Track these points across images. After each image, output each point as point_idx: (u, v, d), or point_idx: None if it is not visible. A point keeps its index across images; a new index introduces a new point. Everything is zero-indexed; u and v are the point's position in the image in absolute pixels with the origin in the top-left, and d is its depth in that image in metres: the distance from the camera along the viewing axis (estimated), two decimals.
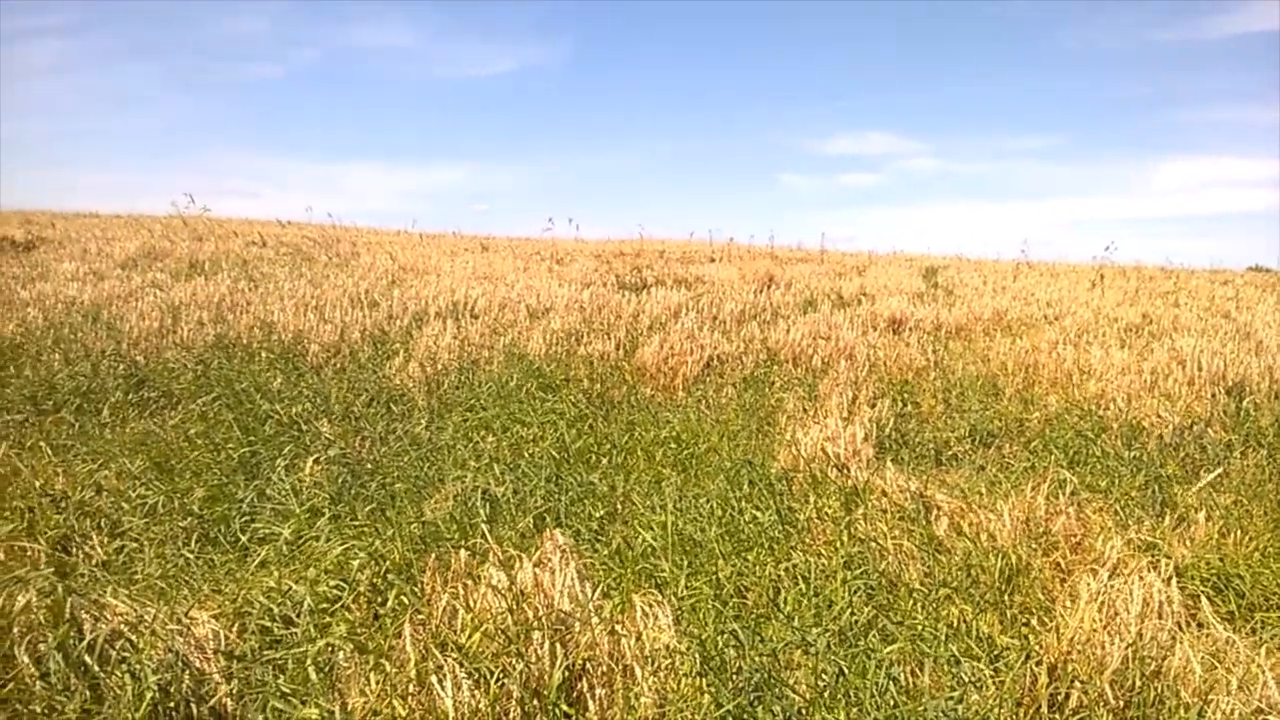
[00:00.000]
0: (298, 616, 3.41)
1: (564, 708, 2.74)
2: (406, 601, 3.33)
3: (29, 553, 3.97)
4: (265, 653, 3.18)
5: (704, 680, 2.90)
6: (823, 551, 4.28)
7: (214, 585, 3.81)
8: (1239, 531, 4.63)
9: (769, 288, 13.38)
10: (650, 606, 3.23)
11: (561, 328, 9.42)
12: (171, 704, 2.78)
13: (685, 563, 4.00)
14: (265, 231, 19.47)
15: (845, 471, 5.25)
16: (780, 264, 17.97)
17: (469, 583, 3.25)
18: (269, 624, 3.39)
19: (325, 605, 3.49)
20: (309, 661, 2.92)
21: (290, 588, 3.56)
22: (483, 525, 3.80)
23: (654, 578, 3.85)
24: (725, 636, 3.24)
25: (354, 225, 23.53)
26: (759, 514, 4.63)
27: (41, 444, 5.26)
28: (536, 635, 2.90)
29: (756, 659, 3.10)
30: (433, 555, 3.44)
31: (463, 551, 3.42)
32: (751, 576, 3.99)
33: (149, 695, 2.70)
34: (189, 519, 4.44)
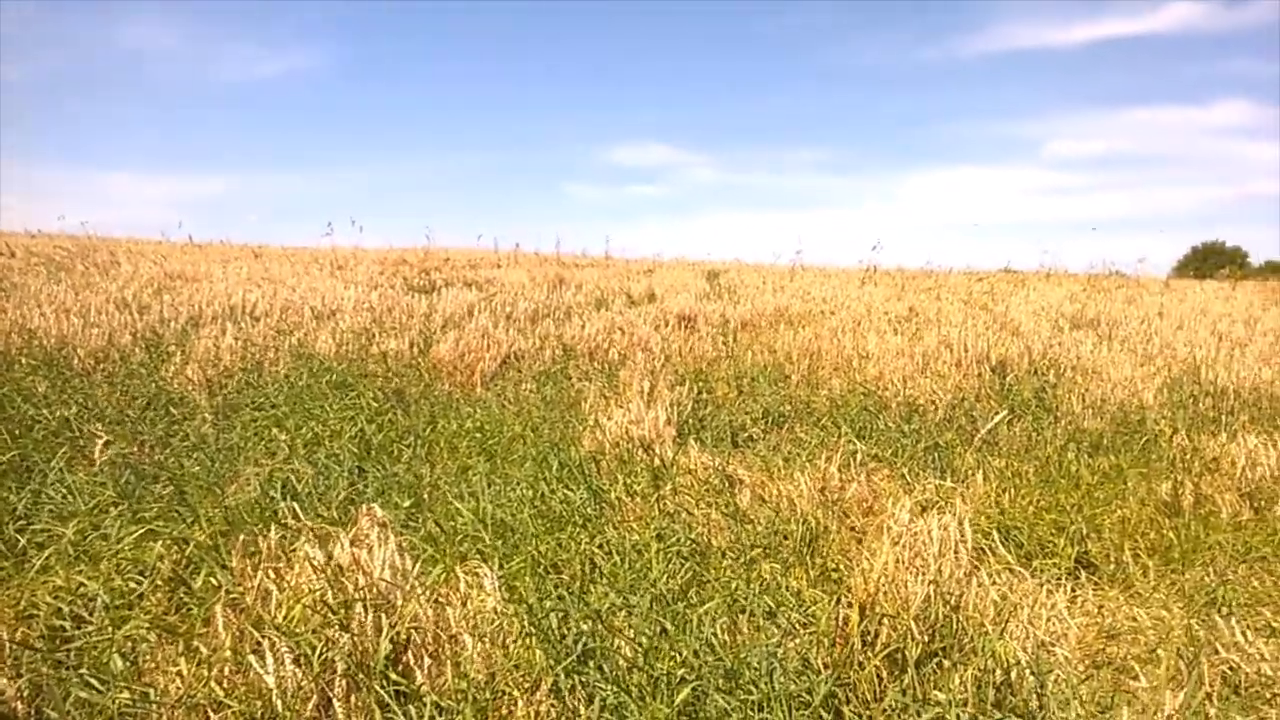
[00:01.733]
0: (91, 614, 3.19)
1: (394, 676, 2.67)
2: (217, 582, 3.17)
3: None
4: (57, 654, 2.95)
5: (534, 640, 2.90)
6: (634, 526, 4.35)
7: None
8: (1013, 490, 5.00)
9: (560, 288, 13.45)
10: (473, 575, 3.19)
11: (351, 327, 9.16)
12: None
13: (500, 543, 3.98)
14: (13, 242, 18.00)
15: (651, 451, 5.34)
16: (568, 268, 18.09)
17: (283, 561, 3.12)
18: (60, 623, 3.15)
19: (122, 601, 3.27)
20: (113, 650, 2.73)
21: (81, 584, 3.32)
22: (293, 505, 3.65)
23: (473, 556, 3.81)
24: (551, 602, 3.24)
25: (111, 236, 21.98)
26: (570, 493, 4.66)
27: None
28: (359, 608, 2.81)
29: (582, 624, 3.12)
30: (240, 537, 3.28)
31: (273, 530, 3.27)
32: (567, 553, 4.00)
33: None
34: None
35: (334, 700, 2.61)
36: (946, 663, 2.94)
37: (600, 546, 4.06)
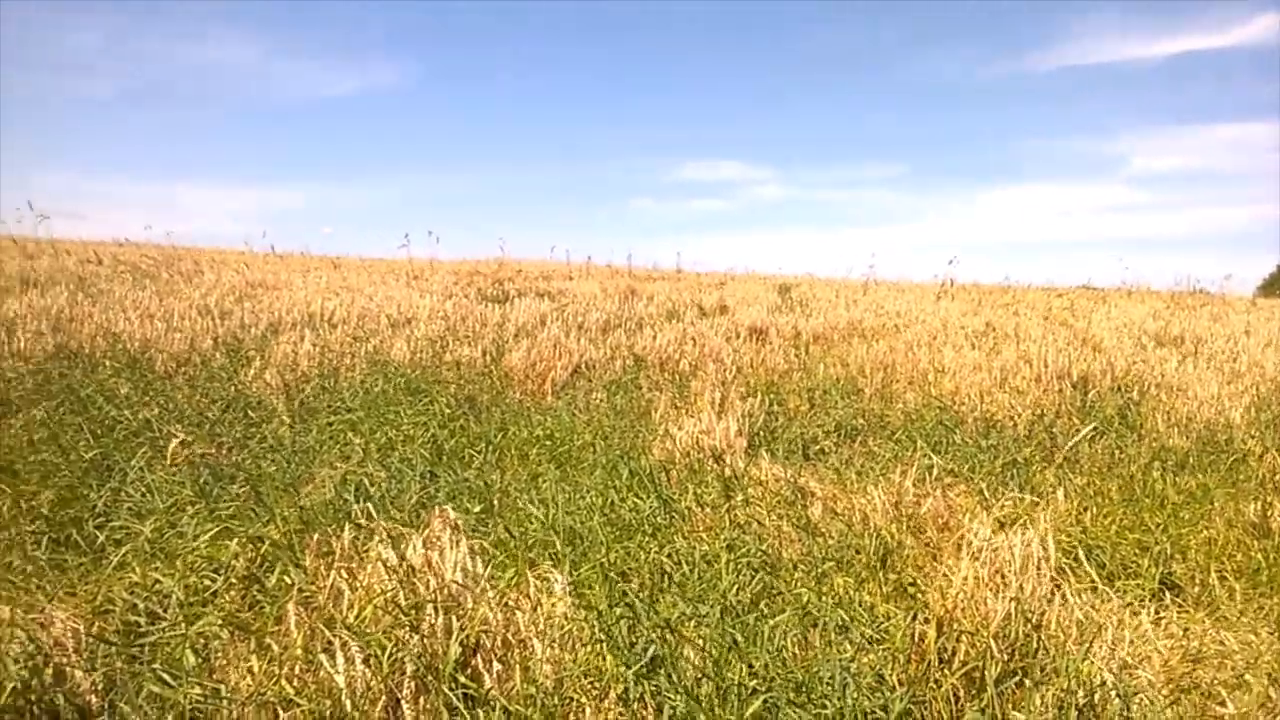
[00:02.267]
0: (165, 610, 3.23)
1: (462, 679, 2.66)
2: (290, 580, 3.19)
3: None
4: (132, 649, 2.99)
5: (603, 646, 2.87)
6: (704, 536, 4.30)
7: (68, 587, 3.58)
8: (1095, 508, 4.86)
9: (631, 300, 13.47)
10: (543, 580, 3.18)
11: (425, 335, 9.26)
12: (32, 696, 2.58)
13: (569, 550, 3.97)
14: (101, 251, 18.53)
15: (721, 462, 5.30)
16: (639, 281, 18.11)
17: (355, 561, 3.14)
18: (135, 619, 3.20)
19: (196, 598, 3.31)
20: (185, 646, 2.76)
21: (157, 581, 3.37)
22: (367, 506, 3.68)
23: (543, 561, 3.80)
24: (620, 609, 3.21)
25: (196, 246, 22.51)
26: (640, 502, 4.63)
27: None
28: (429, 610, 2.81)
29: (651, 633, 3.09)
30: (314, 536, 3.31)
31: (347, 530, 3.29)
32: (636, 561, 3.97)
33: (10, 685, 2.50)
34: (38, 522, 4.16)
35: (403, 702, 2.61)
36: (1028, 682, 2.85)
37: (669, 556, 4.03)
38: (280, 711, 2.54)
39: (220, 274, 15.06)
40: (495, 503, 4.63)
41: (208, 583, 3.39)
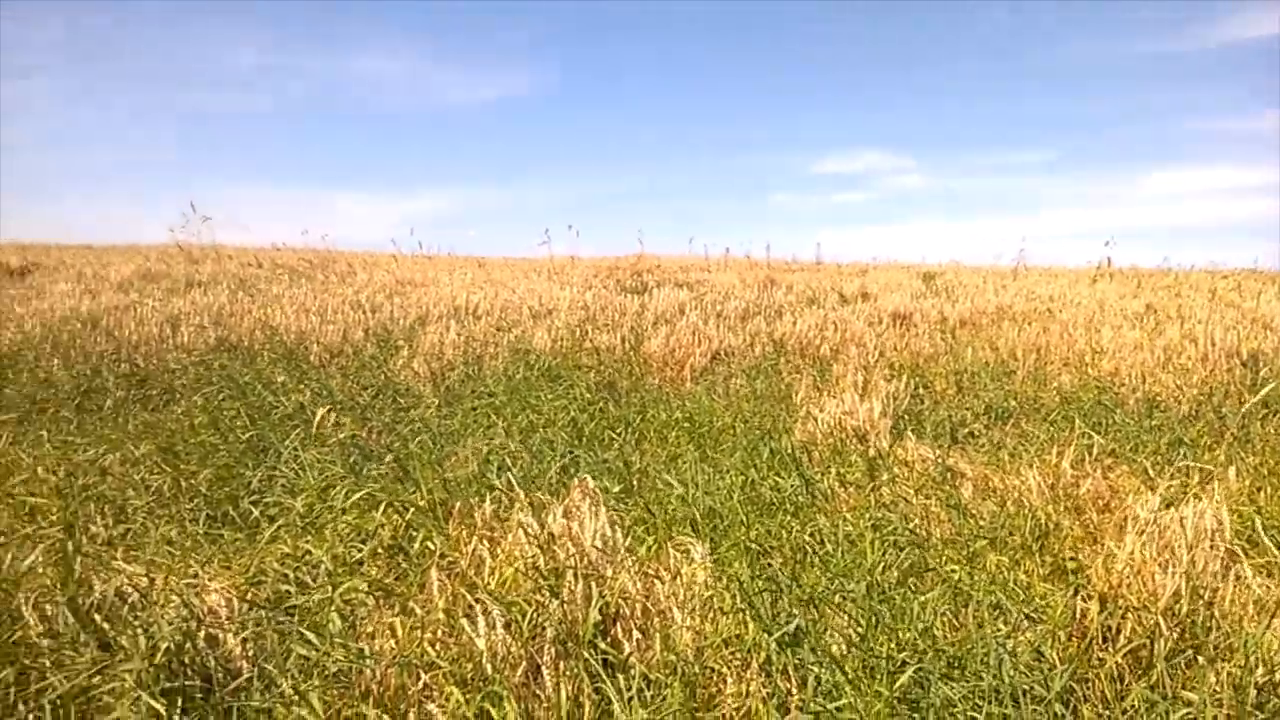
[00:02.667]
0: (314, 580, 3.30)
1: (602, 646, 2.63)
2: (433, 547, 3.23)
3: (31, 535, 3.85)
4: (281, 616, 3.06)
5: (744, 616, 2.80)
6: (848, 516, 4.18)
7: (223, 561, 3.70)
8: (1269, 488, 4.54)
9: (770, 289, 13.31)
10: (682, 551, 3.13)
11: (565, 324, 9.34)
12: (185, 658, 2.66)
13: (709, 528, 3.90)
14: (261, 255, 19.37)
15: (865, 442, 5.15)
16: (778, 272, 17.91)
17: (497, 529, 3.15)
18: (285, 588, 3.28)
19: (344, 567, 3.38)
20: (332, 610, 2.81)
21: (307, 552, 3.45)
22: (510, 477, 3.70)
23: (682, 534, 3.75)
24: (761, 583, 3.13)
25: (348, 249, 23.31)
26: (780, 481, 4.54)
27: (42, 433, 5.15)
28: (569, 577, 2.79)
29: (794, 606, 3.00)
30: (457, 504, 3.33)
31: (488, 498, 3.31)
32: (777, 540, 3.88)
33: (165, 645, 2.58)
34: (196, 499, 4.33)
35: (543, 667, 2.59)
36: (1200, 659, 2.65)
37: (812, 534, 3.93)
38: (422, 674, 2.55)
39: (372, 274, 15.55)
40: (634, 482, 4.60)
41: (355, 553, 3.46)
